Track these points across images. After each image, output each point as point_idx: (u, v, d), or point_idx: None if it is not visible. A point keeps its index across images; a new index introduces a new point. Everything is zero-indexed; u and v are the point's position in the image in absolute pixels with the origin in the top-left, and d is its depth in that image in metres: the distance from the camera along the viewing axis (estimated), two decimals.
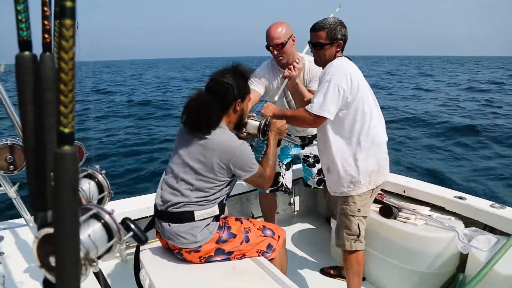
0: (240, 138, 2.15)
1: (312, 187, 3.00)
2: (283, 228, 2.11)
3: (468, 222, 2.35)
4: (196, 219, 1.78)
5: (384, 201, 2.55)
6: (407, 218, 2.36)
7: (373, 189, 2.12)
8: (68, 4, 0.46)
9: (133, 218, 0.87)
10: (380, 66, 66.43)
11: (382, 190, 2.74)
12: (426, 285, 2.31)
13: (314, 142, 2.83)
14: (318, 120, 2.02)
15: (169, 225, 1.80)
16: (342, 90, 1.94)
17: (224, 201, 1.89)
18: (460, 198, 2.46)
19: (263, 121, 2.12)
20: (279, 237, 2.02)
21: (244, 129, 2.13)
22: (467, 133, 10.73)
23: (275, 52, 2.51)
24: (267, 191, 2.91)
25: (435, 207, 2.51)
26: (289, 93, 2.63)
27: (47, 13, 0.70)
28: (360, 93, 2.00)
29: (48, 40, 0.70)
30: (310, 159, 2.91)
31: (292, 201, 3.46)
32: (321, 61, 2.11)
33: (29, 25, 0.58)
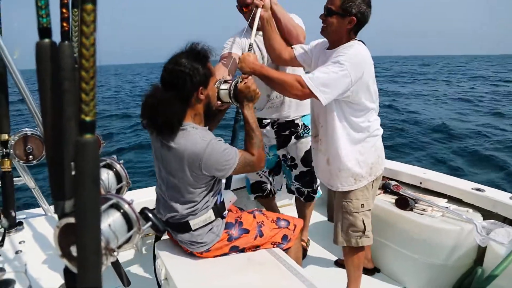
0: (221, 110, 1.95)
1: (295, 194, 2.72)
2: (300, 219, 2.08)
3: (487, 214, 2.30)
4: (193, 229, 1.74)
5: (400, 192, 2.51)
6: (424, 210, 2.32)
7: (373, 180, 2.05)
8: None
9: (150, 208, 0.87)
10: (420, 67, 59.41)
11: (398, 181, 2.70)
12: (443, 278, 2.28)
13: (292, 140, 2.51)
14: (307, 96, 1.80)
15: (174, 233, 1.82)
16: (350, 80, 1.76)
17: (219, 202, 1.78)
18: (479, 190, 2.40)
19: (232, 85, 1.80)
20: (295, 226, 1.98)
21: (219, 102, 1.84)
22: None
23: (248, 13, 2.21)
24: (252, 198, 2.74)
25: (452, 199, 2.46)
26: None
27: (65, 1, 0.69)
28: (367, 88, 1.88)
29: (66, 28, 0.70)
30: (288, 161, 2.61)
31: None
32: (326, 31, 1.88)
33: (48, 12, 0.57)
